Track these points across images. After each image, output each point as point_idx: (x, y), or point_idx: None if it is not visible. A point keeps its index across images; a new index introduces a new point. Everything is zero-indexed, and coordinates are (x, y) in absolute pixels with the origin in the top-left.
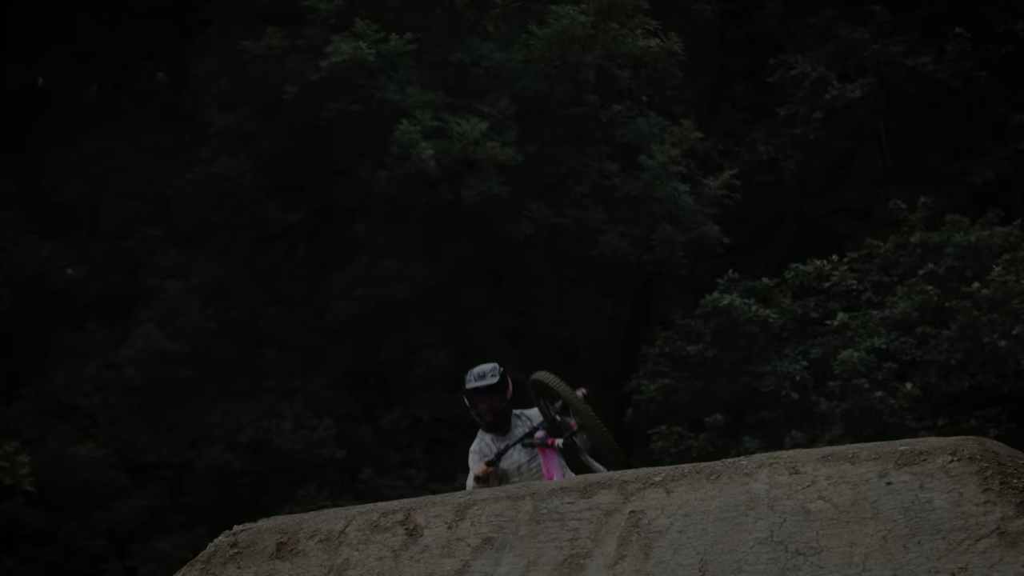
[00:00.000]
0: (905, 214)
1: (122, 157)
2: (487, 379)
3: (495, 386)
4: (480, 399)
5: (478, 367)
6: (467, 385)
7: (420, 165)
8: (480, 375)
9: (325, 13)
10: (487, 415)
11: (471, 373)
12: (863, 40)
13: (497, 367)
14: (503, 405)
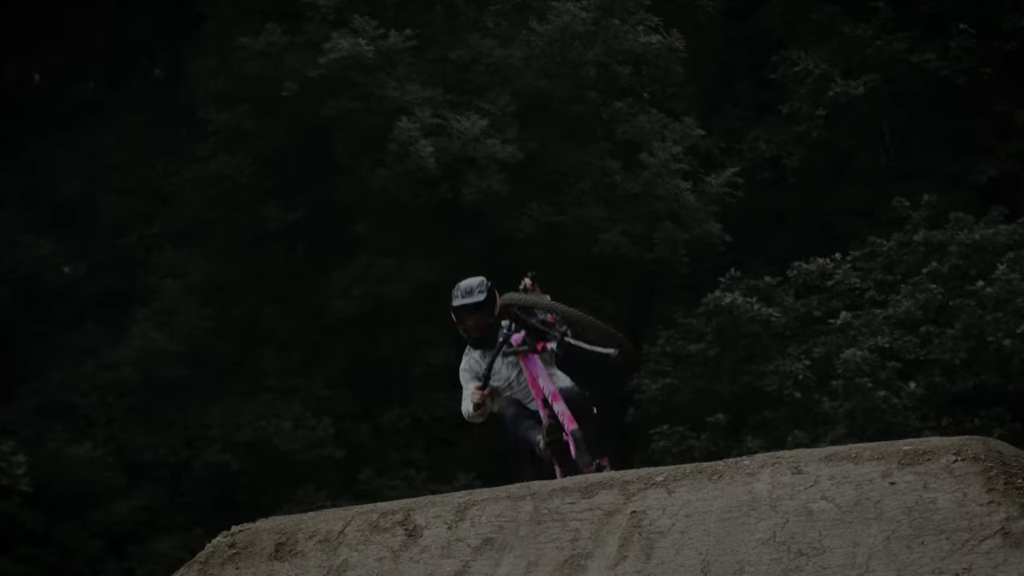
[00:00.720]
0: (908, 212)
1: (119, 154)
2: (474, 296)
3: (482, 303)
4: (467, 316)
5: (465, 282)
6: (454, 302)
7: (420, 163)
8: (467, 291)
9: (324, 9)
10: (474, 332)
11: (458, 288)
12: (866, 37)
13: (485, 282)
14: (491, 322)
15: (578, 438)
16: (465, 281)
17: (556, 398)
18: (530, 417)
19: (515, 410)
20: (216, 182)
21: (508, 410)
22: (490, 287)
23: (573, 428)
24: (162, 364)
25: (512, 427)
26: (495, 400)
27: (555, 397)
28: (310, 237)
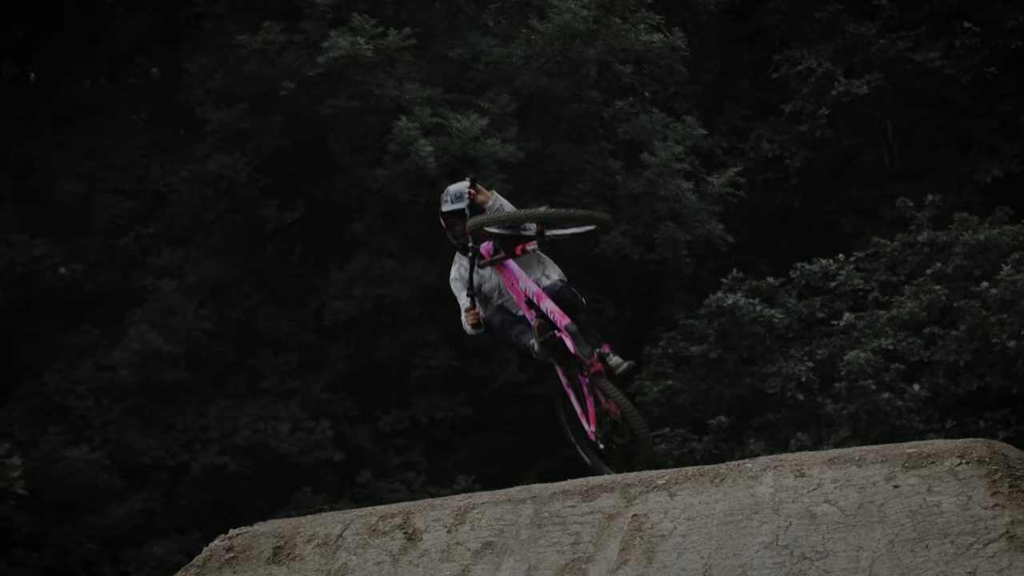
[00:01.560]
0: (912, 212)
1: (115, 154)
2: (464, 200)
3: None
4: (456, 221)
5: (454, 186)
6: (443, 207)
7: (419, 162)
8: (457, 195)
9: (322, 7)
10: (463, 237)
11: (447, 193)
12: (870, 35)
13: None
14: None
15: (573, 331)
16: (454, 186)
17: (541, 297)
18: (519, 322)
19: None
20: (213, 182)
21: (495, 319)
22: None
23: (566, 322)
24: (159, 366)
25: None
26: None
27: (539, 297)
28: (308, 237)
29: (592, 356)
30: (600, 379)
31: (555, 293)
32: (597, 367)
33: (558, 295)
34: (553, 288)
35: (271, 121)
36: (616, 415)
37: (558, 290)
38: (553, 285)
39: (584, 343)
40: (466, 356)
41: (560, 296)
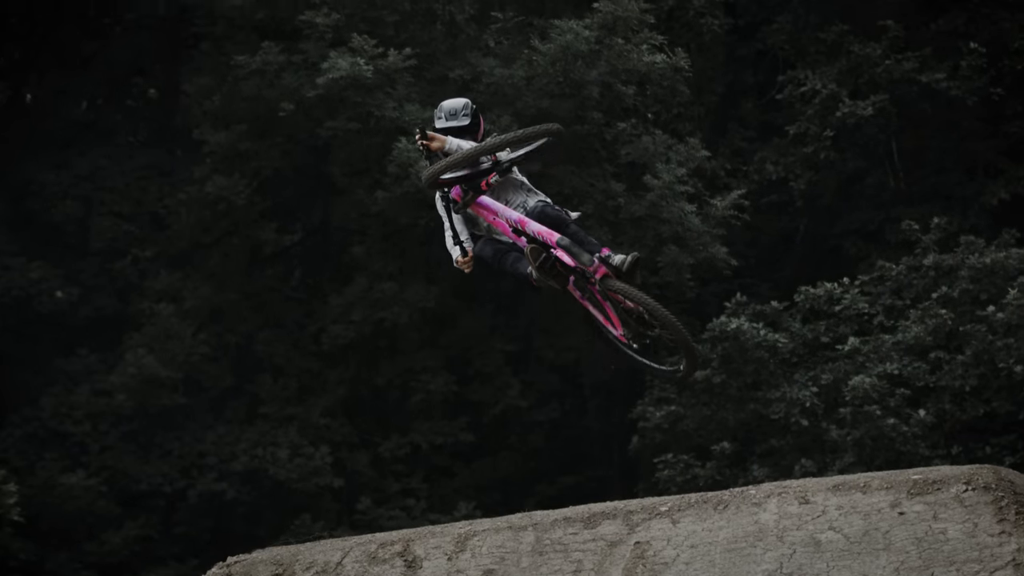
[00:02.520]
0: (918, 235)
1: (113, 176)
2: (459, 119)
3: (467, 127)
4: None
5: (448, 103)
6: (437, 124)
7: (419, 185)
8: (451, 112)
9: (322, 28)
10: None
11: (442, 110)
12: (875, 56)
13: (469, 104)
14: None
15: (566, 244)
16: (448, 102)
17: (525, 223)
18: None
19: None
20: (212, 204)
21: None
22: (474, 110)
23: (557, 238)
24: (156, 391)
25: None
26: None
27: (523, 222)
28: (307, 260)
29: (593, 263)
30: (609, 281)
31: (538, 214)
32: (602, 271)
33: (542, 215)
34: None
35: (270, 143)
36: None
37: (540, 210)
38: (535, 208)
39: (581, 252)
40: (467, 381)
41: (544, 216)
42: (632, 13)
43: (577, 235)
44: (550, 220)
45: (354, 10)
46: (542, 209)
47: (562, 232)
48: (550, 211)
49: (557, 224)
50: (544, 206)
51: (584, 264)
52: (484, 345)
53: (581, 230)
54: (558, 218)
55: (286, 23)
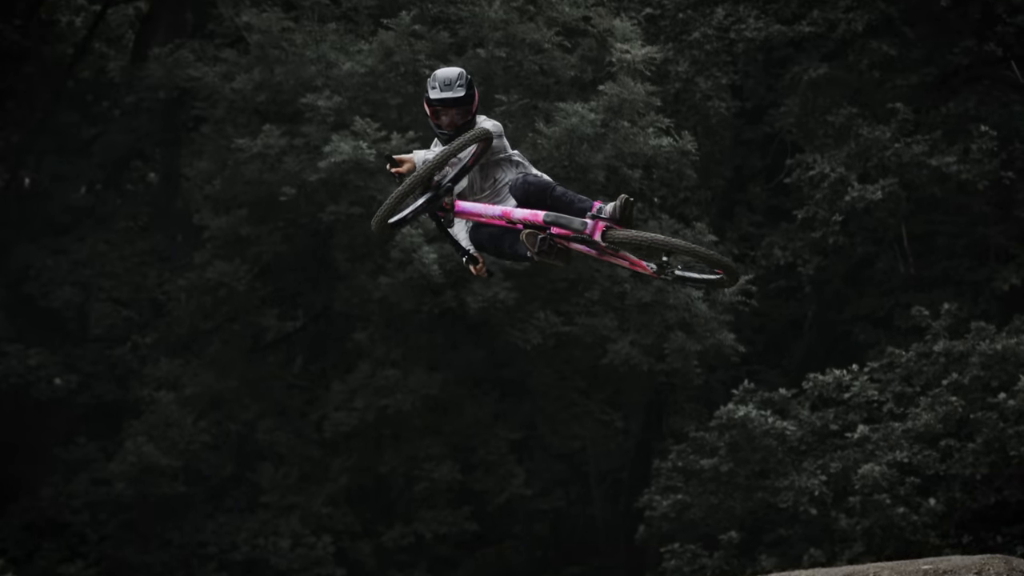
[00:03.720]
0: (928, 321)
1: (112, 261)
2: (454, 90)
3: (462, 99)
4: (444, 111)
5: (443, 72)
6: (431, 93)
7: (423, 270)
8: (446, 83)
9: (324, 111)
10: (448, 128)
11: (436, 79)
12: (884, 139)
13: (464, 74)
14: (467, 119)
15: (553, 219)
16: (443, 71)
17: (509, 213)
18: (507, 232)
19: (487, 233)
20: (212, 290)
21: (482, 235)
22: (469, 80)
23: (543, 216)
24: (156, 479)
25: (497, 253)
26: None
27: (507, 213)
28: (309, 347)
29: (585, 225)
30: (611, 234)
31: (520, 188)
32: (599, 228)
33: (524, 188)
34: (516, 185)
35: (271, 227)
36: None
37: (521, 184)
38: (514, 183)
39: (570, 220)
40: (471, 469)
41: (527, 188)
42: (638, 96)
43: (564, 198)
44: (534, 190)
45: (356, 93)
46: (523, 181)
47: (548, 197)
48: (532, 180)
49: (541, 192)
50: (524, 177)
51: (577, 231)
52: (488, 433)
53: (568, 191)
54: (540, 185)
55: (288, 106)
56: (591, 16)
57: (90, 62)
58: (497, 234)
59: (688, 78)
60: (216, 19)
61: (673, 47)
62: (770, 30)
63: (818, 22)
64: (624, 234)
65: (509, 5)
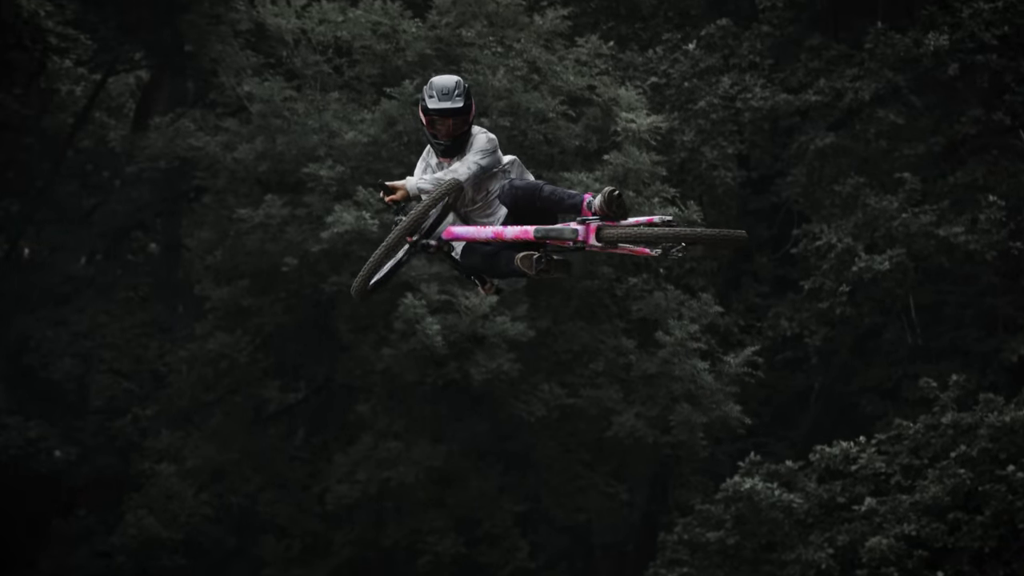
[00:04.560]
0: (936, 393)
1: (112, 333)
2: (452, 100)
3: (460, 109)
4: (441, 120)
5: (440, 80)
6: (428, 103)
7: (426, 341)
8: (444, 92)
9: (326, 181)
10: (444, 138)
11: (433, 88)
12: (892, 209)
13: (462, 84)
14: (464, 129)
15: (543, 233)
16: (440, 79)
17: (500, 234)
18: (499, 251)
19: (480, 254)
20: (213, 361)
21: (474, 260)
22: (467, 89)
23: (534, 230)
24: (157, 552)
25: (494, 273)
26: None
27: (499, 234)
28: (311, 419)
29: (576, 233)
30: (607, 231)
31: (508, 195)
32: (593, 229)
33: (511, 200)
34: (504, 193)
35: (273, 298)
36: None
37: (508, 191)
38: (501, 191)
39: (562, 229)
40: (475, 542)
41: (512, 199)
42: (643, 165)
43: (553, 196)
44: (521, 194)
45: (359, 162)
46: (510, 188)
47: (537, 199)
48: (518, 185)
49: (529, 195)
50: (510, 183)
51: (571, 237)
52: (492, 505)
53: (556, 188)
54: (527, 189)
55: (290, 175)
56: (596, 85)
57: (90, 131)
58: (491, 253)
59: (694, 147)
60: (218, 88)
61: (679, 116)
62: (776, 99)
63: (825, 91)
64: (620, 232)
65: (513, 74)
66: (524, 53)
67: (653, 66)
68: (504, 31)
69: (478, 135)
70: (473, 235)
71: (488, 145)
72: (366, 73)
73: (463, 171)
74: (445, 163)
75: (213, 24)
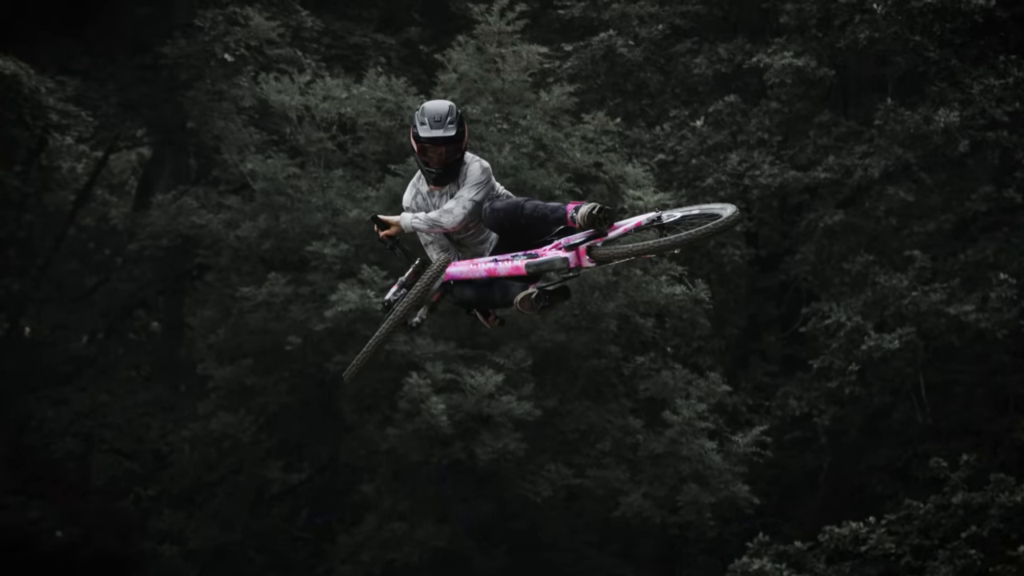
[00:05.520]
0: (946, 473)
1: (114, 412)
2: (445, 128)
3: (453, 138)
4: (433, 148)
5: (432, 106)
6: (420, 131)
7: (431, 421)
8: (436, 119)
9: (330, 259)
10: (436, 165)
11: (425, 114)
12: (901, 288)
13: (455, 108)
14: (457, 157)
15: (535, 268)
16: (432, 105)
17: (493, 272)
18: (491, 283)
19: (473, 289)
20: (216, 441)
21: (467, 295)
22: (460, 115)
23: (525, 265)
24: None
25: (489, 304)
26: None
27: (492, 273)
28: (315, 499)
29: (567, 262)
30: (597, 251)
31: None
32: (583, 252)
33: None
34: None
35: (276, 377)
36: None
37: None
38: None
39: (553, 260)
40: None
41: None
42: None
43: (535, 214)
44: (503, 216)
45: (363, 240)
46: (490, 212)
47: (520, 218)
48: (498, 207)
49: (512, 217)
50: (490, 207)
51: (559, 269)
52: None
53: (537, 205)
54: (508, 211)
55: (293, 254)
56: (603, 162)
57: (92, 209)
58: (485, 284)
59: None
60: (220, 165)
61: (686, 193)
62: (785, 176)
63: (834, 168)
64: (612, 251)
65: (519, 151)
66: (530, 130)
67: (660, 143)
68: (510, 108)
69: (471, 163)
70: (467, 274)
71: (482, 177)
72: (370, 150)
73: (458, 212)
74: (436, 191)
75: (216, 101)
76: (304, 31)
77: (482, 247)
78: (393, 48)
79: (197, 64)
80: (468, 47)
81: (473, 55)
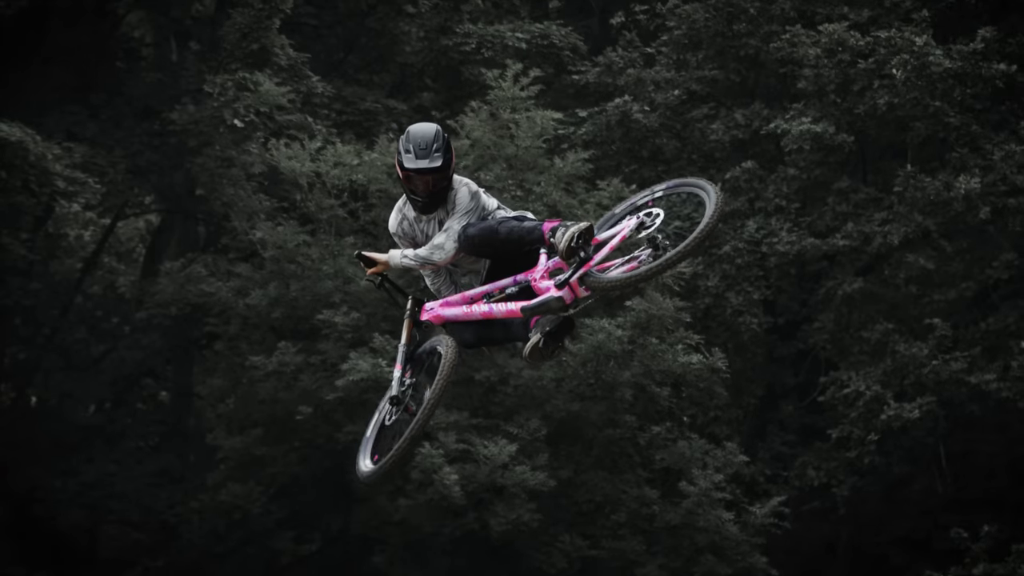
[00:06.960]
0: (967, 544)
1: (121, 483)
2: (431, 158)
3: (439, 168)
4: (420, 178)
5: (417, 132)
6: (404, 160)
7: (444, 491)
8: (423, 148)
9: (341, 327)
10: (422, 194)
11: (411, 142)
12: (921, 356)
13: (441, 133)
14: (444, 185)
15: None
16: (417, 131)
17: (489, 315)
18: (489, 325)
19: (471, 331)
20: (226, 512)
21: (466, 336)
22: (447, 141)
23: (520, 308)
24: None
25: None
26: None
27: (488, 315)
28: (327, 571)
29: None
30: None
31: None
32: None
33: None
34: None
35: (287, 448)
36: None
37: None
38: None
39: (547, 301)
40: None
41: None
42: (667, 311)
43: (511, 236)
44: (479, 242)
45: (375, 309)
46: (466, 239)
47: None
48: (472, 234)
49: (488, 244)
50: (464, 232)
51: (554, 309)
52: None
53: (512, 228)
54: (483, 237)
55: (304, 322)
56: None
57: (99, 277)
58: (481, 325)
59: (719, 293)
60: (230, 233)
61: (703, 261)
62: (803, 244)
63: (853, 235)
64: (608, 281)
65: None
66: (544, 196)
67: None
68: (524, 174)
69: (459, 189)
70: (462, 317)
71: (471, 204)
72: (382, 217)
73: (450, 246)
74: (423, 218)
75: (225, 167)
76: (315, 97)
77: (476, 264)
78: (405, 114)
79: (206, 130)
80: (481, 113)
81: (486, 121)
